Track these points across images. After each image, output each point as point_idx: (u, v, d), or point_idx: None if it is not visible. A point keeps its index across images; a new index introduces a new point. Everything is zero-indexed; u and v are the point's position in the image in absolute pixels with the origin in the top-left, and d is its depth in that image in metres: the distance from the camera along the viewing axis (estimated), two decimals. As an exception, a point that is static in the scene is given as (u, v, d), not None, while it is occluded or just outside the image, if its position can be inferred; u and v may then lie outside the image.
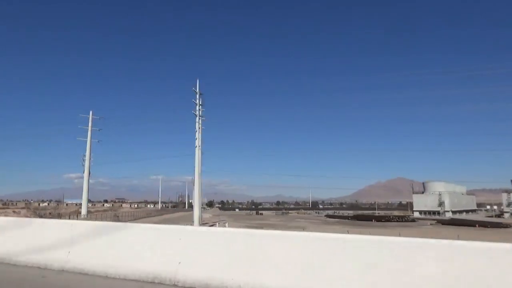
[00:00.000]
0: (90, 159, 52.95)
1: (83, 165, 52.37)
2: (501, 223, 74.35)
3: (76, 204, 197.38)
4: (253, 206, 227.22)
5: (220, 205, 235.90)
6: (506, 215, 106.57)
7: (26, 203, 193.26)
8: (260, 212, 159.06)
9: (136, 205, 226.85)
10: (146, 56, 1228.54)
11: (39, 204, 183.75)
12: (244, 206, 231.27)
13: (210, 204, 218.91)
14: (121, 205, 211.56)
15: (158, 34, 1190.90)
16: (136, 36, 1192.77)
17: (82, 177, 53.59)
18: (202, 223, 43.10)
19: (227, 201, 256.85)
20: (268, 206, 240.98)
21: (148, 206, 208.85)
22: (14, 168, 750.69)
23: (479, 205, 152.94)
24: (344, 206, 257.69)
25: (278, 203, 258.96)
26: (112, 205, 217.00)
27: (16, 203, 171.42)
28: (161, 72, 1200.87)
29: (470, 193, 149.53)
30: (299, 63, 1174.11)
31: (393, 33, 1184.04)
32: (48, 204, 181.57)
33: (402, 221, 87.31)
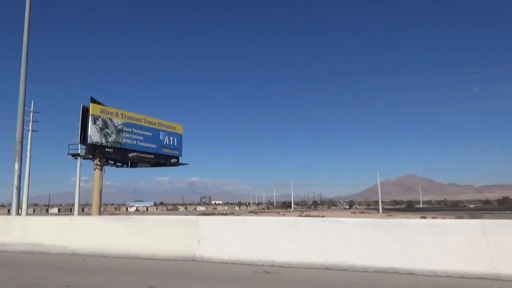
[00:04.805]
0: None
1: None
2: None
3: (137, 208, 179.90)
4: (312, 205, 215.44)
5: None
6: None
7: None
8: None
9: (185, 208, 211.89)
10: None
11: (106, 208, 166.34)
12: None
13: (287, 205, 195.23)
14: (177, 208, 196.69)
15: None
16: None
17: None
18: None
19: (275, 200, 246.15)
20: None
21: (199, 208, 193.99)
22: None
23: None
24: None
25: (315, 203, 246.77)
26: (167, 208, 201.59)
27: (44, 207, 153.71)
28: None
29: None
30: (302, 63, 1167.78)
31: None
32: (116, 208, 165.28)
33: None
